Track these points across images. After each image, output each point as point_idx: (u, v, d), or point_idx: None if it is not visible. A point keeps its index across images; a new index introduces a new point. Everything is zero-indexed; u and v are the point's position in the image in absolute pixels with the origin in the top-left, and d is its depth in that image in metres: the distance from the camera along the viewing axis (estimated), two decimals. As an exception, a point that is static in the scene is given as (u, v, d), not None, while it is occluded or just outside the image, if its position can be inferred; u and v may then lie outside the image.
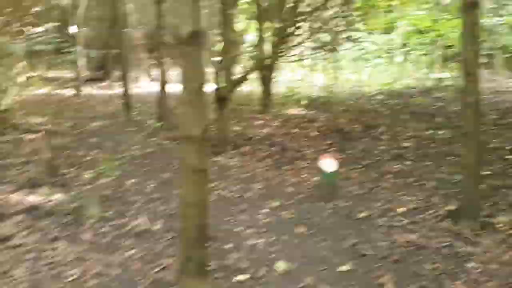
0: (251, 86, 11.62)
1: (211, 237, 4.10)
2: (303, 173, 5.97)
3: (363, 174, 5.84)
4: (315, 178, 5.57)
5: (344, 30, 11.94)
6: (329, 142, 7.48)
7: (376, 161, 6.41)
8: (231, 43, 7.25)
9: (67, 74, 16.56)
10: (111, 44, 16.80)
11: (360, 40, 16.86)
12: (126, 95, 10.64)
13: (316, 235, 4.13)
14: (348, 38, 17.91)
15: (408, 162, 6.24)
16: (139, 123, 9.60)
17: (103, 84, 16.63)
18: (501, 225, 4.09)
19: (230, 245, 3.96)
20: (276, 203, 4.90)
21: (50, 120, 9.86)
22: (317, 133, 8.05)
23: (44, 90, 15.02)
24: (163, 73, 9.29)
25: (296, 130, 8.33)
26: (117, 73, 17.54)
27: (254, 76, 10.19)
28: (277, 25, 9.60)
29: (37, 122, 9.49)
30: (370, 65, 15.52)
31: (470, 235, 3.93)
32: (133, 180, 5.79)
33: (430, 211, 4.49)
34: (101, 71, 16.92)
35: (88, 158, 6.93)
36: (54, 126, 9.24)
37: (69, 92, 14.51)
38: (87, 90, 15.37)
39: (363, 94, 12.39)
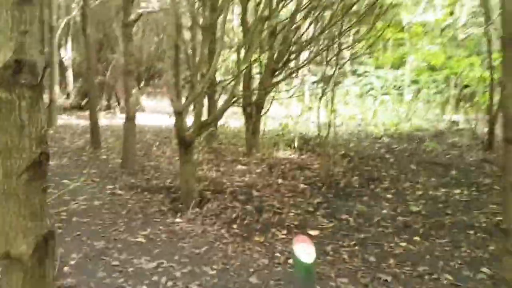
0: (241, 122, 10.28)
1: None
2: (276, 249, 4.50)
3: (355, 257, 4.35)
4: (290, 261, 4.14)
5: (348, 63, 10.61)
6: (318, 200, 6.04)
7: (376, 235, 4.94)
8: (201, 75, 5.87)
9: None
10: (99, 70, 15.64)
11: (366, 74, 15.56)
12: (94, 129, 9.33)
13: None
14: (353, 72, 16.70)
15: (417, 238, 4.77)
16: (102, 163, 8.23)
17: (86, 113, 15.29)
18: None
19: None
20: (227, 307, 3.46)
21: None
22: (306, 186, 6.62)
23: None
24: (128, 104, 7.83)
25: (282, 180, 6.89)
26: (103, 102, 16.37)
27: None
28: (267, 55, 8.25)
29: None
30: (377, 102, 14.10)
31: None
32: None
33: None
34: (85, 98, 15.60)
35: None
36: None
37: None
38: (65, 119, 14.08)
39: (366, 136, 10.97)
